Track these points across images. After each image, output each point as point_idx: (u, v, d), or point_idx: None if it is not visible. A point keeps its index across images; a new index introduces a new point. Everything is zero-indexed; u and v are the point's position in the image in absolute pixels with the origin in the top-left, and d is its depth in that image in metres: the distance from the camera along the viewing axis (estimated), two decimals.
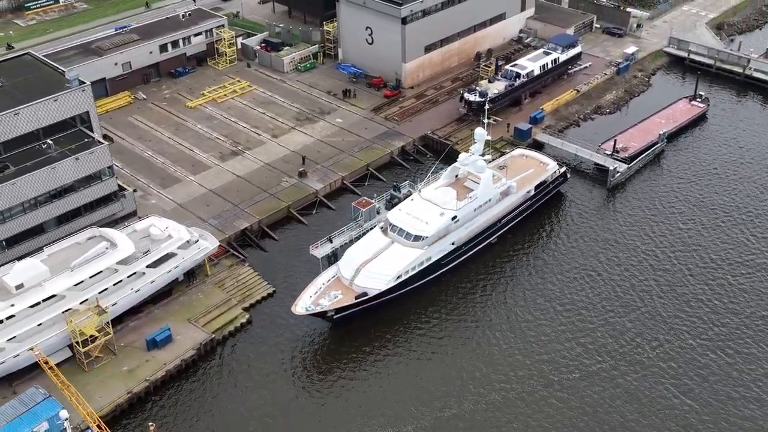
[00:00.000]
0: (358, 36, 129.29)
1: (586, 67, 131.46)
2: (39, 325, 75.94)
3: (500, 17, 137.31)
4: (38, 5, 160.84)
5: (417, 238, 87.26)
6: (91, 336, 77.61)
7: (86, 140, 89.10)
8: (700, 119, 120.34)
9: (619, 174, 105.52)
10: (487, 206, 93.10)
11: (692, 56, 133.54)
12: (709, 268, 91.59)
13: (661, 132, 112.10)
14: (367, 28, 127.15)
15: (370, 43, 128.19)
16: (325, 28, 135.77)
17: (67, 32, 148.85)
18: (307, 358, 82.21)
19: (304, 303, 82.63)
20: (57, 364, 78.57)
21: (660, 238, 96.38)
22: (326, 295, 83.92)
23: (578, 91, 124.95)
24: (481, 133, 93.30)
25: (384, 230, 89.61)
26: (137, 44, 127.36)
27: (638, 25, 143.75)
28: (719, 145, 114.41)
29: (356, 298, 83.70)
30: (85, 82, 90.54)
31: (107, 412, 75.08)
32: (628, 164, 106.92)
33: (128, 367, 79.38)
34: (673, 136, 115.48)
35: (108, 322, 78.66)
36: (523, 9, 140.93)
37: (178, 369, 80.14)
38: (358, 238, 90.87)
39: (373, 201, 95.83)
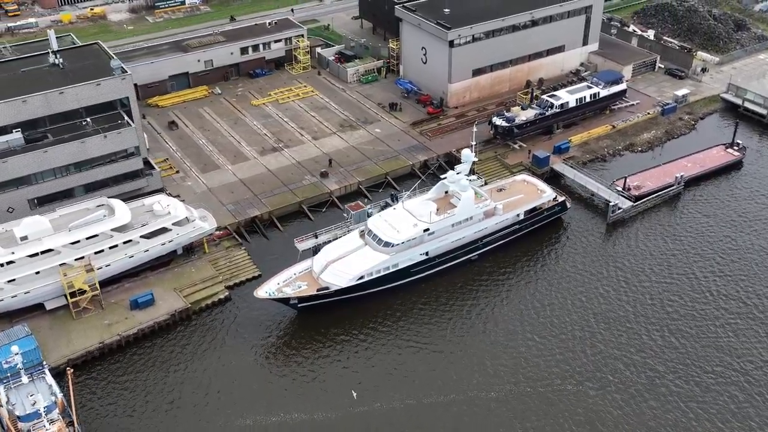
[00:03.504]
0: (416, 55, 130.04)
1: (632, 104, 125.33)
2: (37, 273, 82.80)
3: (559, 49, 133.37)
4: (167, 5, 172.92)
5: (386, 244, 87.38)
6: (79, 289, 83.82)
7: (120, 122, 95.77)
8: (732, 167, 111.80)
9: (620, 210, 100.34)
10: (467, 223, 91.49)
11: (746, 104, 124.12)
12: (666, 324, 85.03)
13: (678, 175, 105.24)
14: (423, 48, 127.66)
15: (425, 63, 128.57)
16: (390, 45, 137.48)
17: (186, 29, 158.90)
18: (267, 339, 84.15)
19: (269, 288, 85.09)
20: (52, 309, 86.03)
21: (634, 282, 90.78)
22: (293, 284, 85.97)
23: (614, 127, 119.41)
24: (467, 155, 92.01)
25: (362, 234, 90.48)
26: (220, 45, 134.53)
27: (703, 69, 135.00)
28: (743, 197, 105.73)
29: (318, 290, 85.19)
30: (126, 72, 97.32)
31: (79, 356, 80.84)
32: (633, 202, 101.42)
33: (109, 322, 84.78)
34: (698, 181, 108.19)
35: (96, 280, 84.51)
36: (585, 43, 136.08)
37: (152, 329, 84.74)
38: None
39: (364, 206, 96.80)
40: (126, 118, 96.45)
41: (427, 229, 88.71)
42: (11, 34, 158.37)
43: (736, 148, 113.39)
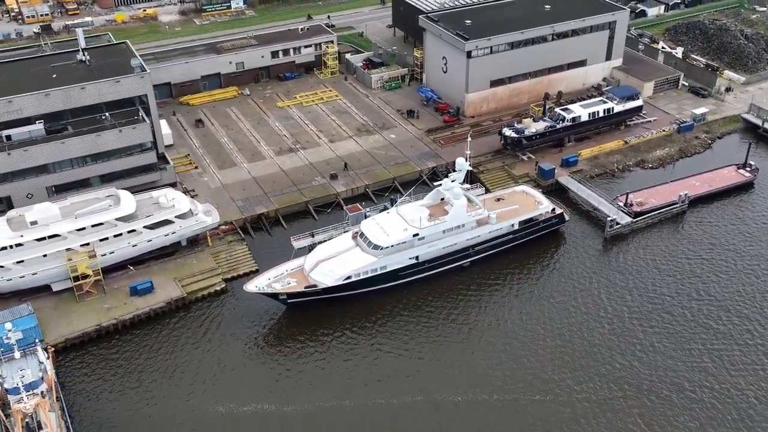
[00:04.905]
0: (437, 64, 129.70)
1: (649, 120, 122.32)
2: (44, 256, 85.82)
3: (580, 63, 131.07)
4: (214, 9, 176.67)
5: (376, 246, 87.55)
6: (82, 274, 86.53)
7: (136, 117, 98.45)
8: (743, 188, 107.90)
9: (618, 226, 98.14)
10: (459, 230, 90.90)
11: (767, 125, 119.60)
12: (640, 341, 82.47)
13: (682, 193, 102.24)
14: (443, 57, 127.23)
15: (445, 72, 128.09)
16: (415, 53, 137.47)
17: (229, 32, 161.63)
18: (253, 331, 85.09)
19: (259, 283, 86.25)
20: (58, 291, 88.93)
21: (617, 298, 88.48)
22: (282, 280, 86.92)
23: (626, 143, 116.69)
24: (461, 163, 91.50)
25: (355, 235, 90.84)
26: (252, 48, 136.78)
27: (727, 89, 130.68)
28: (748, 219, 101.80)
29: (305, 287, 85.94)
30: (146, 70, 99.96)
31: (76, 336, 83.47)
32: (633, 219, 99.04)
33: (109, 306, 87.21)
34: (705, 201, 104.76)
35: (99, 266, 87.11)
36: (608, 58, 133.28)
37: (147, 316, 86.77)
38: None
39: (362, 208, 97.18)
40: (142, 114, 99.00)
41: (417, 234, 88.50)
42: (67, 32, 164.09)
43: (748, 169, 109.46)
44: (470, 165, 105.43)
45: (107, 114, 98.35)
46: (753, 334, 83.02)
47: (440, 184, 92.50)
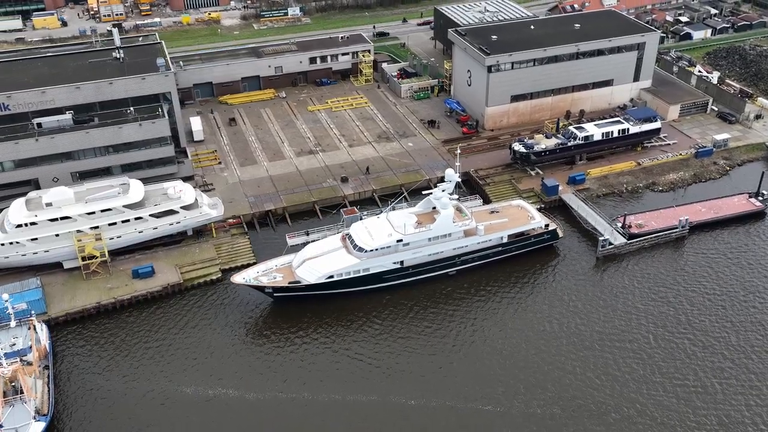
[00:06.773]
0: (463, 77, 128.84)
1: (668, 143, 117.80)
2: (57, 235, 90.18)
3: (606, 83, 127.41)
4: (271, 15, 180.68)
5: (360, 249, 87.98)
6: (89, 254, 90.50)
7: (156, 113, 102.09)
8: (753, 217, 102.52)
9: (611, 246, 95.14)
10: (444, 239, 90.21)
11: None
12: (596, 364, 79.90)
13: (683, 218, 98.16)
14: (468, 70, 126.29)
15: (469, 85, 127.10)
16: (445, 65, 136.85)
17: (282, 37, 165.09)
18: (237, 320, 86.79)
19: (247, 275, 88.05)
20: (69, 269, 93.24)
21: (586, 320, 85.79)
22: (269, 274, 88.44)
23: (639, 164, 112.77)
24: (451, 174, 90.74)
25: (344, 237, 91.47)
26: (291, 54, 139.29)
27: (757, 116, 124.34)
28: (752, 249, 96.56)
29: (289, 283, 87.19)
30: (170, 69, 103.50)
31: (77, 311, 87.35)
32: (627, 240, 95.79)
33: (111, 286, 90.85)
34: (710, 227, 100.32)
35: (105, 248, 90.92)
36: (636, 79, 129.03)
37: (144, 297, 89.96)
38: None
39: (357, 211, 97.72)
40: (162, 110, 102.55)
41: (401, 240, 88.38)
42: (137, 31, 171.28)
43: (760, 198, 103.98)
44: (475, 176, 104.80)
45: (131, 108, 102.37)
46: (723, 366, 79.15)
47: (430, 193, 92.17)
